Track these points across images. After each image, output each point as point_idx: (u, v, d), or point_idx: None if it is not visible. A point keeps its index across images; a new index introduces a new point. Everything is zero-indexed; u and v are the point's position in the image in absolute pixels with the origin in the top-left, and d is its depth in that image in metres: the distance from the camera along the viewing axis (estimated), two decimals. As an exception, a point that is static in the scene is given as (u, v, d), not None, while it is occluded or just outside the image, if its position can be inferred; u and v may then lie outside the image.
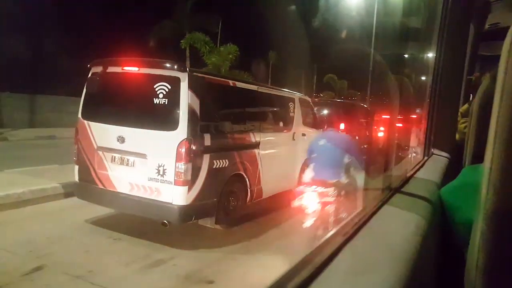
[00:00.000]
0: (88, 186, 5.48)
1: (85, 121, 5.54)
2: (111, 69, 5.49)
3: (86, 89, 5.64)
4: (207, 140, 5.17)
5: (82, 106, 5.65)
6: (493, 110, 0.56)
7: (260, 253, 5.07)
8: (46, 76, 21.00)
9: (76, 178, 5.63)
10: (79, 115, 5.64)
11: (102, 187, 5.34)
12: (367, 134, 13.15)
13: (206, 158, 5.14)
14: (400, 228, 0.93)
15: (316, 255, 0.69)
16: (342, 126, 12.39)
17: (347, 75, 44.47)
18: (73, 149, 5.70)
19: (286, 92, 7.96)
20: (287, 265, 0.72)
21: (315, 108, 9.51)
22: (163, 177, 4.92)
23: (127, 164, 5.19)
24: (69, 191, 6.54)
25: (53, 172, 7.84)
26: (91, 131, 5.46)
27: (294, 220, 5.40)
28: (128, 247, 5.02)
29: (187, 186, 4.88)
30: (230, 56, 25.56)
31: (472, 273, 0.58)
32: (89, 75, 5.62)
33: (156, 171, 4.95)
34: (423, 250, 0.83)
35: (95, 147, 5.41)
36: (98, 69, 5.55)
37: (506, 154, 0.51)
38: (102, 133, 5.38)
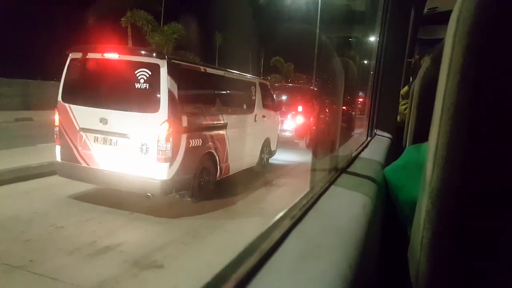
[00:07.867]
0: (71, 165, 5.84)
1: (66, 104, 5.85)
2: (91, 55, 5.84)
3: (65, 74, 5.92)
4: (185, 121, 5.72)
5: (62, 90, 5.94)
6: (438, 90, 0.55)
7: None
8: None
9: (58, 158, 5.94)
10: (59, 98, 5.93)
11: (86, 165, 5.74)
12: (318, 115, 13.93)
13: (184, 137, 5.70)
14: (347, 209, 0.93)
15: (263, 241, 0.66)
16: (300, 108, 13.42)
17: (293, 57, 45.31)
18: (53, 131, 5.99)
19: (248, 76, 8.63)
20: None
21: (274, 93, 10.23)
22: (146, 154, 5.43)
23: (110, 144, 5.62)
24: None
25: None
26: (72, 113, 5.80)
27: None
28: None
29: (168, 163, 5.43)
30: (175, 36, 25.04)
31: (416, 251, 0.58)
32: (68, 61, 5.91)
33: (140, 149, 5.44)
34: (370, 230, 0.83)
35: (78, 128, 5.77)
36: (78, 55, 5.86)
37: (453, 132, 0.50)
38: (85, 115, 5.74)
